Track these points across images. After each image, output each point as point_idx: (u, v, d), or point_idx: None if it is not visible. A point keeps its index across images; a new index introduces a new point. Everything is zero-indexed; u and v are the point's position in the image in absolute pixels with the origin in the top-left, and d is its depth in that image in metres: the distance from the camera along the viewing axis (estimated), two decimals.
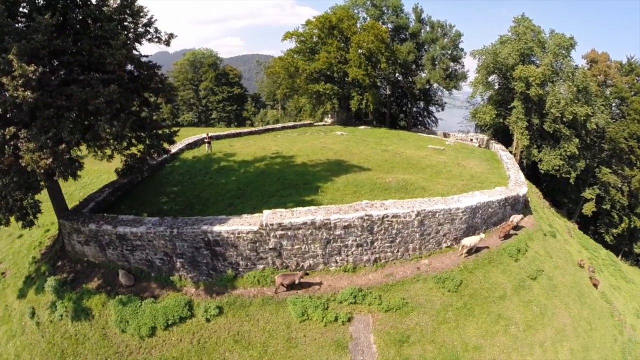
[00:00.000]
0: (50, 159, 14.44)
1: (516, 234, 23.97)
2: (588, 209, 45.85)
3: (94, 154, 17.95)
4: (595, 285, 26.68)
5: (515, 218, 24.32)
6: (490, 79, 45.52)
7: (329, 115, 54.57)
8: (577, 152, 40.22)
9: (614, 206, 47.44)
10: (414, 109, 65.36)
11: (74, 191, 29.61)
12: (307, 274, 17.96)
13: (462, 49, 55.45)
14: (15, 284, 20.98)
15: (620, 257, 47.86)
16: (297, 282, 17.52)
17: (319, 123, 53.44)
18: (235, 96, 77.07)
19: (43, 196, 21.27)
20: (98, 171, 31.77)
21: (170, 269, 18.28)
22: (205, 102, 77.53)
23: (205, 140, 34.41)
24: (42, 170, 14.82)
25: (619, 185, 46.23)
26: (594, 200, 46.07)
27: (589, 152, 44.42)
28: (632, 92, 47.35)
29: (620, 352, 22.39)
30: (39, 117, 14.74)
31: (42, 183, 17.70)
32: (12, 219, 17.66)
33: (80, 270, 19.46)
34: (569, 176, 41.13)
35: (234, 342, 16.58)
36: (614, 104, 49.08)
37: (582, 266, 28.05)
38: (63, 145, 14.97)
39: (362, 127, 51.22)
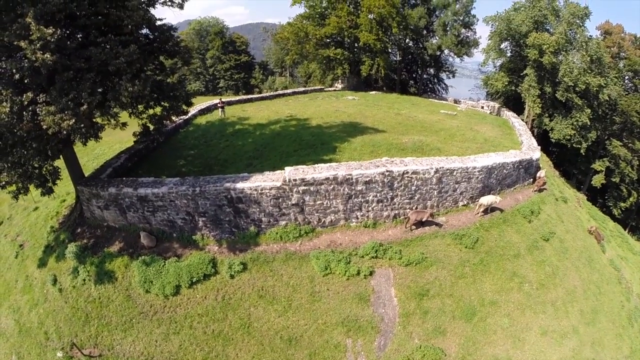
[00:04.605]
0: (73, 120, 14.37)
1: (545, 189, 24.76)
2: (597, 180, 45.57)
3: (107, 123, 17.52)
4: (597, 241, 26.87)
5: (542, 173, 24.83)
6: (502, 46, 44.48)
7: (339, 81, 54.11)
8: (588, 123, 39.73)
9: (623, 180, 47.08)
10: (424, 76, 64.18)
11: (87, 162, 29.27)
12: (432, 215, 19.20)
13: (474, 16, 53.84)
14: (34, 254, 20.75)
15: (627, 231, 47.88)
16: (425, 219, 18.95)
17: (329, 89, 52.93)
18: (242, 64, 75.31)
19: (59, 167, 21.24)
20: (109, 142, 31.33)
21: (192, 229, 18.32)
22: (212, 71, 75.93)
23: (219, 105, 34.44)
24: (65, 132, 14.70)
25: (629, 159, 45.77)
26: (604, 172, 45.80)
27: (600, 123, 43.76)
28: None
29: (627, 318, 22.60)
30: (58, 80, 14.62)
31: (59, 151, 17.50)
32: (31, 187, 17.52)
33: (101, 235, 19.36)
34: (579, 146, 40.79)
35: (258, 297, 16.78)
36: (627, 77, 48.08)
37: (592, 233, 28.32)
38: (85, 107, 14.87)
39: (373, 92, 50.66)
